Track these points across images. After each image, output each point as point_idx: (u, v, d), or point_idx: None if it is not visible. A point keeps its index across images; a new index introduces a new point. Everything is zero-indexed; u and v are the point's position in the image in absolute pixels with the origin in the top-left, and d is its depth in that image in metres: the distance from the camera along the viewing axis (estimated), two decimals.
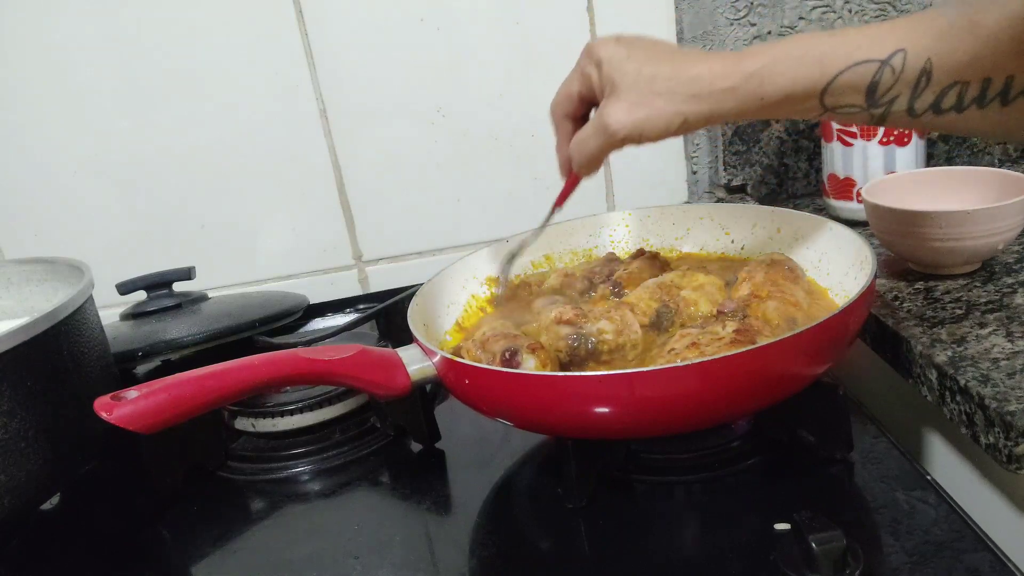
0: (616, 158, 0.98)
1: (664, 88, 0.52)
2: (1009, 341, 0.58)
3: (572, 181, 0.64)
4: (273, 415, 0.71)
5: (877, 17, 0.93)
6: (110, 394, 0.52)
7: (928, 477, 0.54)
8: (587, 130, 0.56)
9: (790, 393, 0.54)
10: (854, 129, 0.83)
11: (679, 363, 0.53)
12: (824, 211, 0.88)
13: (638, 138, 0.54)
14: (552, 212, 0.67)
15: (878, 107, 0.49)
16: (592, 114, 0.58)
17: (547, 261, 0.80)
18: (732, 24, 0.93)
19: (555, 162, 0.97)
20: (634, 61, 0.53)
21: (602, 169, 1.03)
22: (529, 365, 0.57)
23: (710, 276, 0.68)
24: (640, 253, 0.76)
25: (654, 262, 0.73)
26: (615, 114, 0.53)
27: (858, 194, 0.83)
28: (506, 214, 0.99)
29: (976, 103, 0.47)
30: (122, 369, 0.75)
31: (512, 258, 0.74)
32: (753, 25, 0.93)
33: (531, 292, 0.75)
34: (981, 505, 0.58)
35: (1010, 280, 0.68)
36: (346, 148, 0.96)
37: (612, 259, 0.77)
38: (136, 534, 0.64)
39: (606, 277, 0.72)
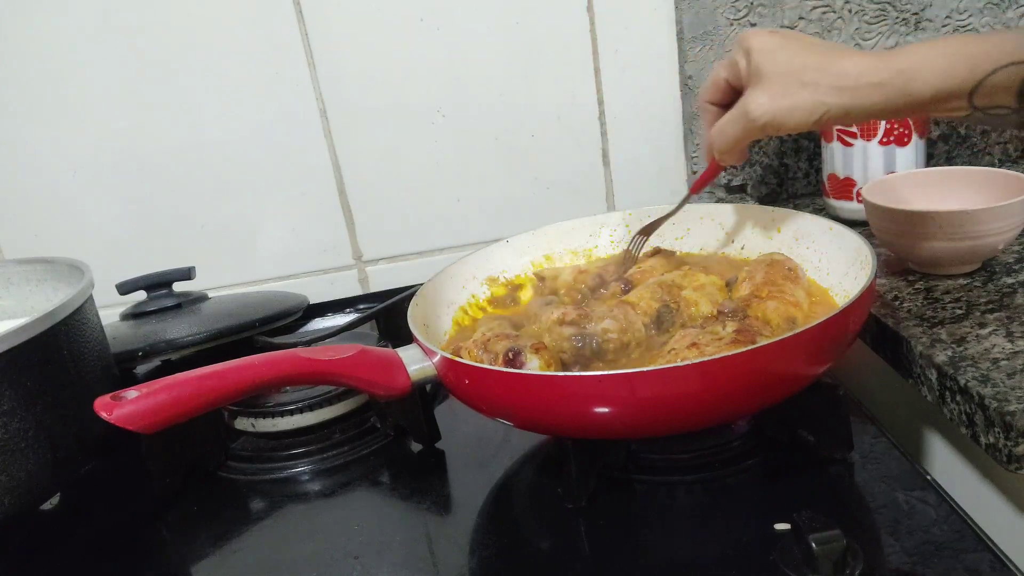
0: (616, 158, 0.98)
1: (811, 78, 0.52)
2: (1009, 341, 0.58)
3: (713, 168, 0.65)
4: (273, 415, 0.71)
5: (877, 17, 0.93)
6: (110, 394, 0.52)
7: (928, 477, 0.54)
8: (728, 117, 0.57)
9: (790, 393, 0.54)
10: (854, 129, 0.82)
11: (679, 363, 0.53)
12: (824, 211, 0.88)
13: (777, 127, 0.54)
14: (688, 196, 0.72)
15: None
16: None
17: (547, 261, 0.80)
18: (732, 24, 0.93)
19: (554, 162, 0.98)
20: (785, 51, 0.54)
21: (600, 169, 1.04)
22: (533, 365, 0.57)
23: (710, 276, 0.68)
24: (657, 251, 0.75)
25: (670, 261, 0.73)
26: (758, 101, 0.54)
27: (858, 194, 0.83)
28: (506, 214, 0.99)
29: None
30: (122, 369, 0.75)
31: (644, 235, 0.76)
32: (753, 25, 0.93)
33: (546, 286, 0.75)
34: (981, 505, 0.58)
35: (1010, 280, 0.68)
36: (346, 148, 0.96)
37: (629, 257, 0.76)
38: (136, 534, 0.64)
39: (619, 275, 0.72)
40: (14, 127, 0.92)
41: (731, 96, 0.59)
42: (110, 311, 0.84)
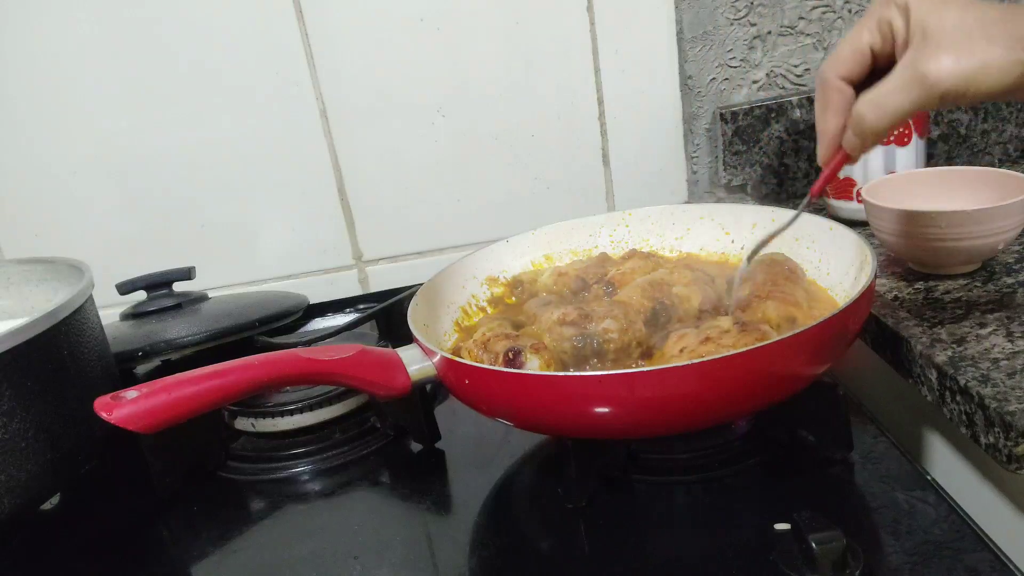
0: (616, 158, 0.98)
1: (998, 32, 0.43)
2: (1009, 341, 0.58)
3: (840, 161, 0.53)
4: (273, 415, 0.71)
5: None
6: (110, 394, 0.52)
7: (928, 477, 0.54)
8: (890, 86, 0.46)
9: (790, 393, 0.54)
10: None
11: (679, 363, 0.53)
12: (824, 211, 0.88)
13: (963, 94, 0.44)
14: (807, 202, 0.58)
15: None
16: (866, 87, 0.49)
17: (547, 261, 0.80)
18: (732, 24, 0.93)
19: (555, 162, 0.98)
20: (951, 5, 0.45)
21: (600, 169, 1.03)
22: (533, 365, 0.57)
23: (697, 272, 0.68)
24: (633, 253, 0.76)
25: (647, 262, 0.73)
26: (939, 61, 0.44)
27: (858, 194, 0.83)
28: (506, 214, 0.99)
29: None
30: (122, 369, 0.75)
31: (756, 252, 0.65)
32: (753, 25, 0.93)
33: (524, 291, 0.75)
34: (981, 505, 0.58)
35: (1010, 280, 0.68)
36: (346, 148, 0.96)
37: (605, 259, 0.77)
38: (136, 534, 0.64)
39: (600, 277, 0.72)
40: (14, 127, 0.92)
41: (870, 70, 0.49)
42: (110, 311, 0.84)
